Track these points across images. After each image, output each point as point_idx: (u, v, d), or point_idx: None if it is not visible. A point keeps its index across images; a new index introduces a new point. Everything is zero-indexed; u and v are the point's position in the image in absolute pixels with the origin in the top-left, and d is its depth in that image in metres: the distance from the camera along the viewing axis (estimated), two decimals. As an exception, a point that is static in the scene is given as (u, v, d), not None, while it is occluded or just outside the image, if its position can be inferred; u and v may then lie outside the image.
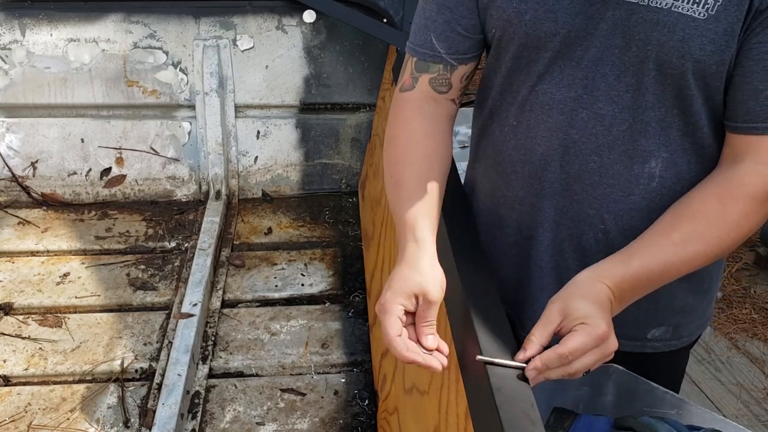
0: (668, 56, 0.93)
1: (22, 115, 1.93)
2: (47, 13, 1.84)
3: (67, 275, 1.66)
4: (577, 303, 0.85)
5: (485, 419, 0.74)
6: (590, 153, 1.02)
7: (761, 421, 2.24)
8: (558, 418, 0.99)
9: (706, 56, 0.91)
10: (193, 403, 1.33)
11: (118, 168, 1.99)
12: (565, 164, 1.04)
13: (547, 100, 1.02)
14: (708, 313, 1.20)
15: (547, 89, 1.02)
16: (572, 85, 1.00)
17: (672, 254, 0.93)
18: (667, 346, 1.17)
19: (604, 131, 1.00)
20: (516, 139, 1.08)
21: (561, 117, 1.02)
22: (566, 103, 1.01)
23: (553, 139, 1.03)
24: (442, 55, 1.05)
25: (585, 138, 1.01)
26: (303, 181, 2.06)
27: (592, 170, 1.03)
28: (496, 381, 0.76)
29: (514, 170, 1.09)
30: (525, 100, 1.04)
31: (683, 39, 0.91)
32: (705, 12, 0.89)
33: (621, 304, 0.91)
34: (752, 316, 2.68)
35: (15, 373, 1.39)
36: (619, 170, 1.02)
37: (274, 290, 1.65)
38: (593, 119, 1.00)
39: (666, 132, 0.99)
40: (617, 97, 0.98)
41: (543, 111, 1.03)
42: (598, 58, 0.97)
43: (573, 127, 1.01)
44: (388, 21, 1.79)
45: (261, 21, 1.89)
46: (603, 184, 1.03)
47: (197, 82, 1.90)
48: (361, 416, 1.32)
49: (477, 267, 0.96)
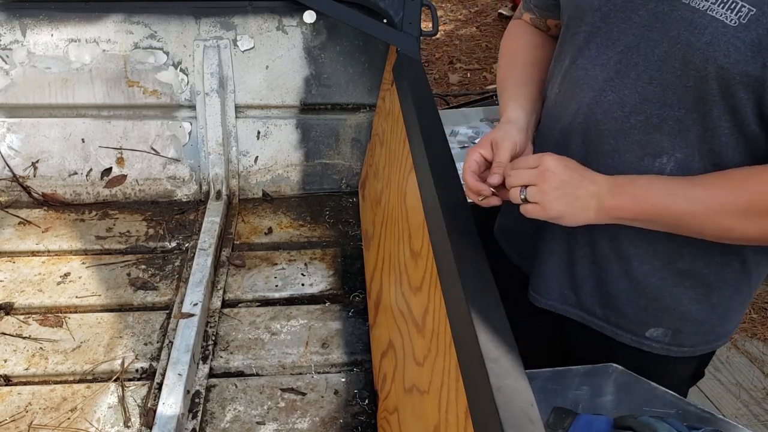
0: (693, 57, 0.93)
1: (23, 115, 1.93)
2: (48, 13, 1.84)
3: (67, 275, 1.66)
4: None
5: (485, 419, 0.74)
6: (608, 135, 1.06)
7: (761, 420, 2.24)
8: (558, 417, 1.00)
9: (730, 64, 0.91)
10: (193, 403, 1.34)
11: (118, 168, 1.99)
12: (586, 141, 1.10)
13: (582, 76, 1.08)
14: (719, 332, 1.17)
15: (584, 65, 1.08)
16: (605, 66, 1.04)
17: (688, 185, 0.98)
18: (664, 349, 1.17)
19: (623, 117, 1.04)
20: (554, 107, 1.16)
21: (590, 94, 1.07)
22: (597, 82, 1.06)
23: (580, 114, 1.09)
24: (531, 6, 1.29)
25: (606, 120, 1.06)
26: (303, 181, 2.06)
27: (607, 152, 1.07)
28: (496, 381, 0.76)
29: (546, 135, 1.19)
30: (567, 71, 1.12)
31: (710, 43, 0.91)
32: (737, 19, 0.89)
33: (614, 192, 0.99)
34: (752, 316, 2.69)
35: (15, 373, 1.40)
36: (629, 159, 1.05)
37: (274, 290, 1.65)
38: (616, 103, 1.04)
39: (684, 134, 1.00)
40: (641, 88, 1.01)
41: (577, 85, 1.09)
42: (634, 45, 1.00)
43: (599, 107, 1.06)
44: (388, 21, 1.80)
45: (261, 21, 1.90)
46: (613, 168, 1.06)
47: (198, 83, 1.90)
48: (361, 416, 1.33)
49: (477, 267, 0.96)
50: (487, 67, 4.82)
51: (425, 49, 4.98)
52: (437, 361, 0.96)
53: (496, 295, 0.91)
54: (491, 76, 4.71)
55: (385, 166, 1.67)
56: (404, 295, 1.23)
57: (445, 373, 0.91)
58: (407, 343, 1.16)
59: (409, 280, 1.20)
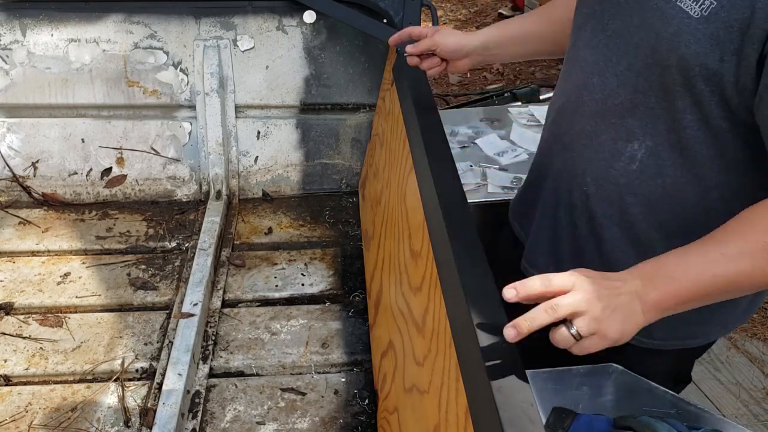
0: (660, 46, 0.97)
1: (23, 115, 1.93)
2: (48, 13, 1.84)
3: (67, 275, 1.66)
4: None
5: (485, 419, 0.74)
6: (590, 116, 1.11)
7: (760, 420, 2.24)
8: (558, 417, 1.00)
9: (690, 55, 0.93)
10: (193, 403, 1.34)
11: (118, 168, 1.99)
12: (574, 120, 1.14)
13: (577, 57, 1.13)
14: (694, 330, 1.17)
15: (580, 46, 1.12)
16: (596, 49, 1.08)
17: (717, 244, 0.86)
18: (636, 340, 1.17)
19: (602, 99, 1.08)
20: (557, 87, 1.22)
21: (582, 76, 1.11)
22: (588, 65, 1.10)
23: (572, 94, 1.14)
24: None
25: (590, 101, 1.10)
26: (303, 181, 2.06)
27: (587, 132, 1.12)
28: (496, 381, 0.76)
29: (548, 114, 1.24)
30: (568, 52, 1.17)
31: (675, 33, 0.94)
32: (700, 11, 0.91)
33: (650, 284, 0.85)
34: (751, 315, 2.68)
35: (16, 373, 1.40)
36: (605, 140, 1.09)
37: (274, 290, 1.65)
38: (599, 86, 1.08)
39: (654, 122, 1.03)
40: (620, 72, 1.04)
41: (573, 66, 1.14)
42: (619, 31, 1.04)
43: (586, 89, 1.10)
44: (388, 21, 1.80)
45: (261, 21, 1.90)
46: (591, 148, 1.11)
47: (198, 83, 1.90)
48: (361, 415, 1.33)
49: (477, 267, 0.96)
50: (487, 67, 4.82)
51: (425, 49, 4.97)
52: (437, 361, 0.96)
53: (496, 295, 0.91)
54: (491, 76, 4.71)
55: (385, 166, 1.67)
56: (404, 295, 1.23)
57: (445, 373, 0.91)
58: (407, 343, 1.16)
59: (409, 280, 1.21)
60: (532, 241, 1.31)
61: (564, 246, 1.23)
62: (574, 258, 1.22)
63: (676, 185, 1.04)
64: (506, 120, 2.32)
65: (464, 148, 2.15)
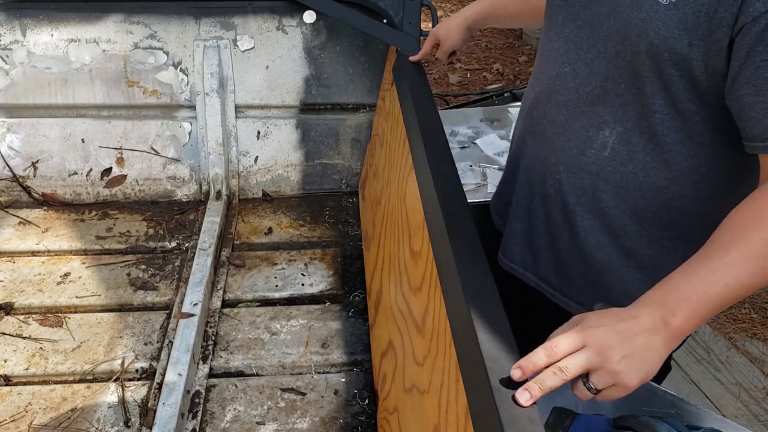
0: (630, 32, 0.98)
1: (23, 115, 1.93)
2: (48, 13, 1.84)
3: (67, 275, 1.66)
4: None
5: (485, 419, 0.74)
6: (562, 105, 1.12)
7: (760, 420, 2.24)
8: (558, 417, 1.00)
9: (660, 41, 0.94)
10: (193, 403, 1.34)
11: (118, 168, 1.99)
12: (547, 110, 1.16)
13: (548, 48, 1.15)
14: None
15: (552, 37, 1.14)
16: (567, 39, 1.10)
17: (718, 252, 0.83)
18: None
19: (574, 88, 1.09)
20: (533, 77, 1.24)
21: (554, 66, 1.13)
22: (559, 55, 1.11)
23: (544, 85, 1.16)
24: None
25: (562, 90, 1.12)
26: (303, 181, 2.06)
27: (560, 122, 1.13)
28: (496, 381, 0.76)
29: (523, 105, 1.26)
30: (542, 44, 1.18)
31: (645, 19, 0.95)
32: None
33: (669, 313, 0.80)
34: (751, 315, 2.69)
35: (15, 373, 1.40)
36: (577, 128, 1.11)
37: (274, 290, 1.65)
38: (570, 75, 1.09)
39: (624, 108, 1.04)
40: (591, 61, 1.06)
41: (546, 57, 1.16)
42: (589, 20, 1.05)
43: (558, 79, 1.12)
44: (388, 21, 1.80)
45: (261, 21, 1.90)
46: (564, 136, 1.13)
47: (198, 83, 1.90)
48: (361, 416, 1.33)
49: (477, 267, 0.96)
50: (486, 67, 4.82)
51: (425, 49, 4.97)
52: (437, 361, 0.96)
53: (496, 295, 0.91)
54: (491, 76, 4.71)
55: (385, 166, 1.67)
56: (404, 295, 1.23)
57: (445, 373, 0.91)
58: (407, 343, 1.16)
59: (409, 280, 1.21)
60: (509, 233, 1.33)
61: (539, 236, 1.25)
62: (549, 248, 1.24)
63: (647, 171, 1.06)
64: (506, 120, 2.32)
65: (464, 148, 2.15)
